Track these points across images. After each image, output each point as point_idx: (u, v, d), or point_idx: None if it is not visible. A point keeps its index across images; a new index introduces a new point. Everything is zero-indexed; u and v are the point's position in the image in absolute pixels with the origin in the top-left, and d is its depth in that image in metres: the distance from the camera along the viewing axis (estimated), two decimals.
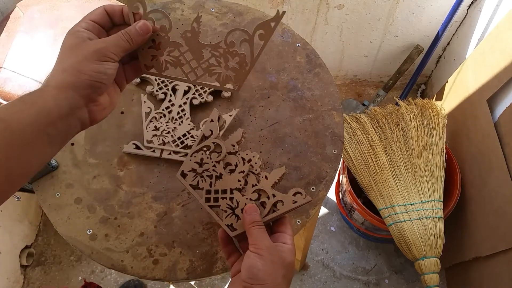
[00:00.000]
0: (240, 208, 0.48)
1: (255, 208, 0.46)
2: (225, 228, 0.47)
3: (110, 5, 0.43)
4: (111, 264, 0.55)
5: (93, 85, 0.39)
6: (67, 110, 0.38)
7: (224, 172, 0.49)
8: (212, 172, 0.49)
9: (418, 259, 1.08)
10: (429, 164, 1.13)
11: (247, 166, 0.49)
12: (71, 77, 0.38)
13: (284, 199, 0.46)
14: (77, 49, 0.40)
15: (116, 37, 0.41)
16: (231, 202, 0.48)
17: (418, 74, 1.46)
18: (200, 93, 0.67)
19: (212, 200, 0.48)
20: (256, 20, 0.76)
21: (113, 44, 0.41)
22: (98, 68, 0.39)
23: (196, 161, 0.50)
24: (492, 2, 1.17)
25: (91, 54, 0.39)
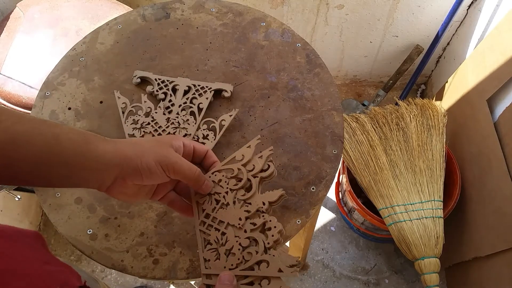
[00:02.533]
0: (225, 248, 0.44)
1: (231, 278, 0.41)
2: (201, 260, 0.44)
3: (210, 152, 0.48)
4: (111, 264, 0.55)
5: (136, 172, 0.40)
6: (102, 167, 0.39)
7: (231, 203, 0.46)
8: (221, 198, 0.46)
9: (418, 259, 1.08)
10: (429, 164, 1.13)
11: (264, 236, 0.43)
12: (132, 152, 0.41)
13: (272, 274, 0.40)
14: (159, 145, 0.43)
15: (189, 165, 0.43)
16: (220, 237, 0.45)
17: (418, 74, 1.46)
18: (200, 93, 0.67)
19: (206, 226, 0.46)
20: (256, 20, 0.76)
21: (181, 164, 0.43)
22: (152, 166, 0.41)
23: (213, 180, 0.47)
24: (492, 2, 1.17)
25: (160, 155, 0.41)
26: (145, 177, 0.41)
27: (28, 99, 0.94)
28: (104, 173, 0.39)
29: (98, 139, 0.40)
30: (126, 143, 0.42)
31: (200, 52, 0.73)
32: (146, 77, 0.69)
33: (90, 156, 0.38)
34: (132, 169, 0.40)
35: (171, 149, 0.43)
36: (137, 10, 0.78)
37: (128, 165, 0.40)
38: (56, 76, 0.70)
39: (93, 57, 0.72)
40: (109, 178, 0.40)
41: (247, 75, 0.70)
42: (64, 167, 0.37)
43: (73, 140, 0.38)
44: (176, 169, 0.42)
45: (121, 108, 0.66)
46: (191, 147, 0.46)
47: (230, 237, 0.44)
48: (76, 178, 0.39)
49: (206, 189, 0.46)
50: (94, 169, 0.39)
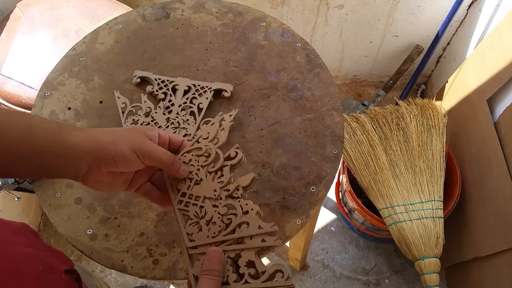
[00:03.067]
0: (205, 219, 0.45)
1: (219, 254, 0.41)
2: (184, 236, 0.45)
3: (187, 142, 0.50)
4: (111, 264, 0.55)
5: (110, 159, 0.41)
6: (76, 154, 0.40)
7: (205, 178, 0.48)
8: (194, 175, 0.48)
9: (418, 259, 1.08)
10: (429, 164, 1.13)
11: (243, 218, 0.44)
12: (106, 140, 0.41)
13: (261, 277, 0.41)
14: (135, 133, 0.44)
15: (163, 151, 0.45)
16: (199, 211, 0.46)
17: (418, 74, 1.46)
18: (200, 93, 0.67)
19: (183, 204, 0.47)
20: (256, 20, 0.76)
21: (155, 150, 0.44)
22: (126, 152, 0.41)
23: (184, 161, 0.49)
24: (492, 2, 1.17)
25: (134, 142, 0.42)
26: (120, 164, 0.41)
27: (28, 99, 0.94)
28: (78, 160, 0.40)
29: (71, 128, 0.41)
30: (100, 131, 0.42)
31: (200, 52, 0.73)
32: (146, 77, 0.69)
33: (64, 144, 0.39)
34: (106, 156, 0.41)
35: (145, 137, 0.44)
36: (137, 10, 0.78)
37: (102, 152, 0.40)
38: (56, 76, 0.70)
39: (93, 57, 0.72)
40: (84, 166, 0.40)
41: (247, 75, 0.70)
42: (38, 156, 0.38)
43: (46, 129, 0.38)
44: (150, 155, 0.43)
45: (121, 108, 0.66)
46: (166, 137, 0.47)
47: (208, 208, 0.46)
48: (51, 168, 0.39)
49: (183, 173, 0.47)
50: (68, 157, 0.39)
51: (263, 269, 0.41)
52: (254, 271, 0.41)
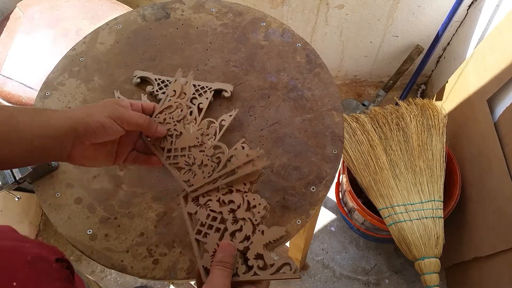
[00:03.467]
0: (196, 164, 0.49)
1: (232, 247, 0.43)
2: (183, 184, 0.48)
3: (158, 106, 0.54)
4: (111, 264, 0.55)
5: (89, 130, 0.43)
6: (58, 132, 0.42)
7: (184, 130, 0.52)
8: (173, 131, 0.51)
9: (418, 259, 1.08)
10: (429, 164, 1.13)
11: (249, 213, 0.46)
12: (82, 114, 0.44)
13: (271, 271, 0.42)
14: (108, 103, 0.46)
15: (138, 115, 0.48)
16: (188, 159, 0.50)
17: (418, 74, 1.46)
18: (200, 93, 0.67)
19: (172, 158, 0.50)
20: (256, 20, 0.76)
21: (130, 115, 0.47)
22: (104, 121, 0.44)
23: (160, 122, 0.52)
24: (492, 2, 1.17)
25: (109, 110, 0.45)
26: (99, 133, 0.44)
27: (28, 99, 0.94)
28: (61, 139, 0.42)
29: (50, 110, 0.43)
30: (76, 109, 0.45)
31: (200, 52, 0.73)
32: (146, 77, 0.69)
33: (45, 125, 0.41)
34: (85, 128, 0.43)
35: (118, 106, 0.47)
36: (137, 10, 0.78)
37: (81, 125, 0.43)
38: (56, 76, 0.70)
39: (93, 57, 0.72)
40: (67, 143, 0.43)
41: (247, 75, 0.70)
42: (23, 141, 0.40)
43: (27, 114, 0.41)
44: (127, 119, 0.46)
45: None
46: (139, 105, 0.51)
47: (196, 154, 0.50)
48: (37, 151, 0.41)
49: (162, 131, 0.51)
50: (51, 137, 0.41)
51: (271, 262, 0.42)
52: (262, 263, 0.43)
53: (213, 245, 0.45)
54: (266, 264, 0.42)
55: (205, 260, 0.45)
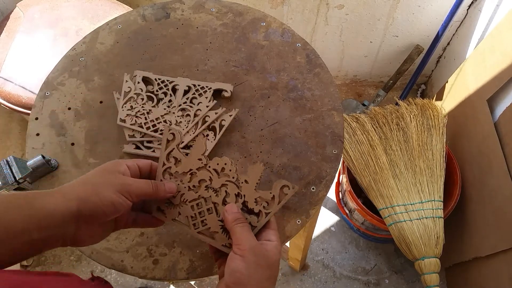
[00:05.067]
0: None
1: (235, 206, 0.45)
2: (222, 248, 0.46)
3: (155, 164, 0.48)
4: (111, 264, 0.55)
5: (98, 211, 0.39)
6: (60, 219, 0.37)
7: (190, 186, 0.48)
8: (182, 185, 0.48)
9: (418, 259, 1.08)
10: (429, 164, 1.13)
11: (222, 178, 0.46)
12: (85, 193, 0.39)
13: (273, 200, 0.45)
14: (108, 174, 0.41)
15: (145, 183, 0.43)
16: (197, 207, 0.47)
17: (418, 74, 1.46)
18: (200, 93, 0.67)
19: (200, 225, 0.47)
20: (256, 20, 0.76)
21: (138, 186, 0.42)
22: (113, 198, 0.40)
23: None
24: (492, 2, 1.17)
25: (115, 184, 0.40)
26: (109, 212, 0.40)
27: (28, 99, 0.94)
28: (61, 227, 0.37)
29: (41, 195, 0.38)
30: (74, 186, 0.40)
31: (200, 52, 0.73)
32: (146, 77, 0.69)
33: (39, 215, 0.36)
34: (92, 209, 0.39)
35: (120, 175, 0.42)
36: (137, 10, 0.78)
37: (87, 207, 0.38)
38: (56, 76, 0.70)
39: (93, 57, 0.72)
40: (70, 228, 0.38)
41: (247, 75, 0.70)
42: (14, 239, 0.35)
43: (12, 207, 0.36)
44: (137, 192, 0.42)
45: (124, 91, 0.66)
46: (135, 166, 0.45)
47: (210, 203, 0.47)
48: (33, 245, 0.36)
49: (171, 189, 0.46)
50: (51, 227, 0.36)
51: (271, 196, 0.45)
52: (265, 203, 0.45)
53: (217, 224, 0.46)
54: (268, 201, 0.45)
55: (220, 239, 0.46)
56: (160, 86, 0.67)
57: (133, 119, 0.64)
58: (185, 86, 0.67)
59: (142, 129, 0.63)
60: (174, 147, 0.47)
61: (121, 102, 0.65)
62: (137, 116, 0.64)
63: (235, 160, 0.63)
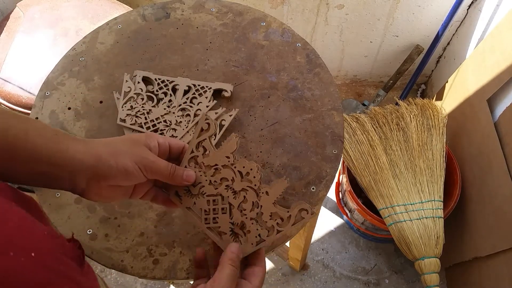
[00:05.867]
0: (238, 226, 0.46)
1: (237, 247, 0.44)
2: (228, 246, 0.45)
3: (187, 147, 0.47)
4: (111, 264, 0.55)
5: (111, 173, 0.39)
6: (76, 167, 0.38)
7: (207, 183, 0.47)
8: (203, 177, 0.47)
9: (418, 259, 1.08)
10: (429, 164, 1.13)
11: (244, 183, 0.45)
12: (105, 153, 0.39)
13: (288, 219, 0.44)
14: (135, 145, 0.41)
15: (164, 165, 0.43)
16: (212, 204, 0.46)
17: (418, 74, 1.46)
18: (200, 93, 0.67)
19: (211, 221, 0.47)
20: (256, 20, 0.76)
21: (157, 165, 0.42)
22: (128, 167, 0.39)
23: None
24: (492, 2, 1.17)
25: (136, 155, 0.40)
26: (121, 178, 0.40)
27: (28, 99, 0.94)
28: (76, 174, 0.38)
29: (68, 138, 0.39)
30: (99, 143, 0.40)
31: (200, 52, 0.73)
32: (146, 77, 0.69)
33: (61, 155, 0.37)
34: (106, 170, 0.39)
35: (146, 149, 0.42)
36: (137, 10, 0.78)
37: (102, 166, 0.38)
38: (56, 76, 0.70)
39: (93, 57, 0.72)
40: (82, 181, 0.39)
41: (247, 75, 0.70)
42: (35, 163, 0.36)
43: (42, 136, 0.37)
44: (153, 169, 0.42)
45: (124, 91, 0.66)
46: (166, 145, 0.45)
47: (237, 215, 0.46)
48: (47, 177, 0.38)
49: (189, 178, 0.45)
50: (65, 169, 0.37)
51: (288, 215, 0.44)
52: (280, 219, 0.44)
53: (227, 226, 0.45)
54: (283, 218, 0.44)
55: (227, 241, 0.45)
56: (160, 86, 0.67)
57: (133, 119, 0.64)
58: (185, 86, 0.67)
59: (142, 129, 0.63)
60: (206, 138, 0.47)
61: (121, 102, 0.65)
62: (137, 116, 0.64)
63: None
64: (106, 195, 0.42)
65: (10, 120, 0.36)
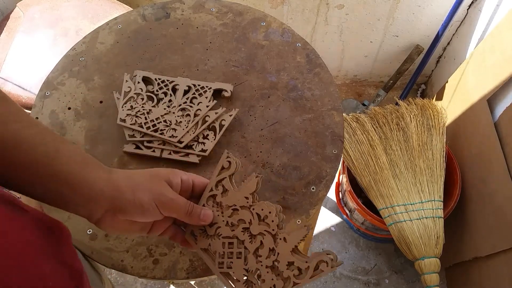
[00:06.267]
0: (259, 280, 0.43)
1: None
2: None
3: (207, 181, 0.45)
4: (111, 264, 0.55)
5: (127, 208, 0.38)
6: (93, 196, 0.37)
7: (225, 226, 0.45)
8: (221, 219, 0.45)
9: (418, 259, 1.08)
10: (429, 164, 1.13)
11: (262, 227, 0.43)
12: (125, 187, 0.38)
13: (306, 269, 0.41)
14: (155, 180, 0.40)
15: (183, 203, 0.42)
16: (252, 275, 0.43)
17: (418, 74, 1.46)
18: (200, 93, 0.67)
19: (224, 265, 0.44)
20: (256, 20, 0.76)
21: (175, 205, 0.41)
22: (145, 203, 0.39)
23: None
24: (492, 2, 1.17)
25: (155, 192, 0.39)
26: (137, 214, 0.39)
27: (28, 99, 0.94)
28: (93, 203, 0.38)
29: (95, 164, 0.38)
30: (122, 175, 0.39)
31: (200, 52, 0.73)
32: (146, 77, 0.69)
33: (83, 180, 0.37)
34: (123, 203, 0.38)
35: (167, 185, 0.41)
36: (137, 10, 0.78)
37: (120, 198, 0.38)
38: (56, 76, 0.70)
39: (93, 57, 0.72)
40: (98, 211, 0.38)
41: (247, 75, 0.70)
42: (54, 183, 0.36)
43: (72, 159, 0.37)
44: (171, 207, 0.41)
45: (124, 91, 0.65)
46: (189, 182, 0.44)
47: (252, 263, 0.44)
48: (64, 199, 0.37)
49: (207, 218, 0.44)
50: (83, 196, 0.37)
51: (306, 265, 0.41)
52: (297, 270, 0.41)
53: (241, 272, 0.43)
54: (301, 269, 0.41)
55: None
56: (160, 86, 0.67)
57: (133, 119, 0.64)
58: (185, 86, 0.67)
59: (142, 129, 0.63)
60: (226, 177, 0.45)
61: (121, 102, 0.65)
62: (137, 116, 0.64)
63: None
64: (122, 229, 0.41)
65: (45, 135, 0.36)
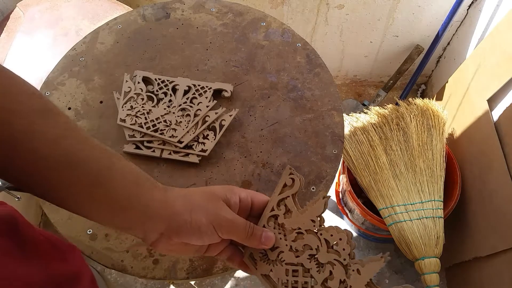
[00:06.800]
0: None
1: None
2: None
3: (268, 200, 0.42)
4: (111, 264, 0.55)
5: (183, 230, 0.36)
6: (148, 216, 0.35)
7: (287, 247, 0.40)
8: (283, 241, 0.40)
9: (418, 259, 1.08)
10: (429, 164, 1.13)
11: (331, 255, 0.37)
12: (181, 208, 0.36)
13: None
14: (212, 199, 0.38)
15: (242, 225, 0.38)
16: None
17: (418, 74, 1.46)
18: (200, 93, 0.67)
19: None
20: (256, 20, 0.76)
21: (234, 227, 0.38)
22: (202, 225, 0.36)
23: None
24: (492, 2, 1.17)
25: (212, 213, 0.37)
26: (194, 237, 0.37)
27: None
28: (148, 225, 0.35)
29: (149, 183, 0.36)
30: (178, 194, 0.37)
31: (200, 52, 0.73)
32: (146, 77, 0.69)
33: (137, 202, 0.34)
34: (179, 225, 0.36)
35: (225, 205, 0.38)
36: (137, 10, 0.78)
37: (176, 220, 0.36)
38: (56, 76, 0.70)
39: (93, 57, 0.72)
40: (154, 233, 0.36)
41: (247, 75, 0.70)
42: (107, 205, 0.34)
43: (125, 176, 0.34)
44: (229, 229, 0.38)
45: (124, 91, 0.66)
46: (248, 200, 0.40)
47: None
48: (117, 218, 0.35)
49: (268, 242, 0.40)
50: (137, 217, 0.35)
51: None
52: None
53: None
54: None
55: None
56: (160, 86, 0.67)
57: (133, 119, 0.64)
58: (185, 86, 0.67)
59: (142, 129, 0.63)
60: (289, 195, 0.40)
61: (121, 102, 0.65)
62: (137, 116, 0.64)
63: (234, 159, 0.63)
64: (178, 251, 0.39)
65: (98, 152, 0.34)
